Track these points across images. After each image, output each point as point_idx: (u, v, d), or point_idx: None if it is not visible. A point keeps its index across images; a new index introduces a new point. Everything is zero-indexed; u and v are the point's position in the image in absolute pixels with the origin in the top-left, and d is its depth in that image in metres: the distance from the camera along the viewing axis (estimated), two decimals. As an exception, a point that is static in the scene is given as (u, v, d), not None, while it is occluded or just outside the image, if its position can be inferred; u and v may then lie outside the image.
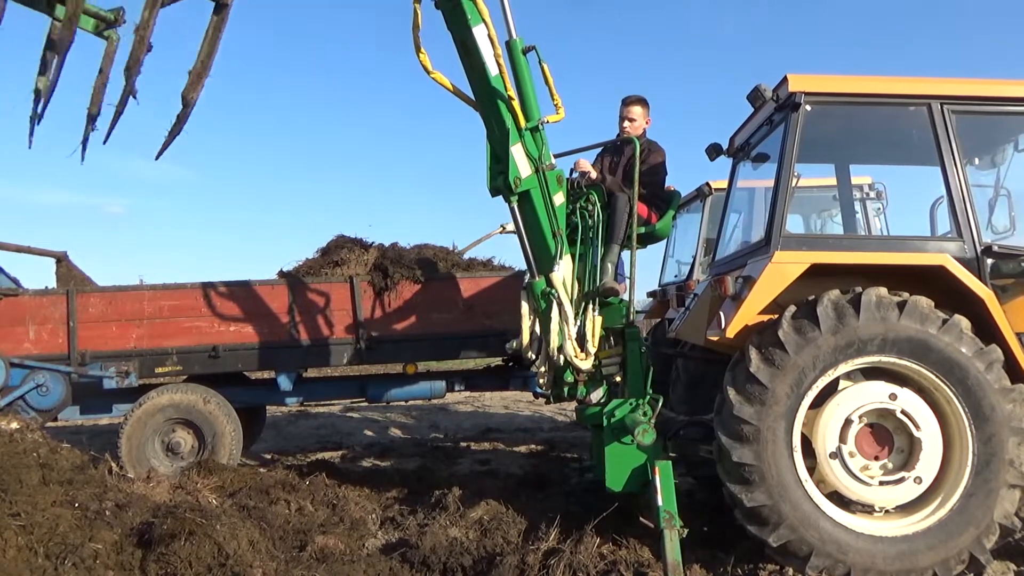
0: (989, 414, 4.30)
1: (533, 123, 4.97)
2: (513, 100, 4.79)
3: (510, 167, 4.86)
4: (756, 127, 5.60)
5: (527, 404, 12.92)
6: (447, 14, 4.83)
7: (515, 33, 4.87)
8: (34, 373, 6.69)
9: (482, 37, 4.74)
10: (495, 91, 4.83)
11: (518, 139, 4.89)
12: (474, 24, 4.72)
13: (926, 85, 4.84)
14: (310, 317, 7.36)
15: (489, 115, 4.98)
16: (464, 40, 4.81)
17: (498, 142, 4.96)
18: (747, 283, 4.69)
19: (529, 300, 5.27)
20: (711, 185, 8.99)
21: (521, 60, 4.89)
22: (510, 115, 4.85)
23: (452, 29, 4.88)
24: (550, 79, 5.02)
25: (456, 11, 4.74)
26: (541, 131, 5.07)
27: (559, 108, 5.10)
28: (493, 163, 5.06)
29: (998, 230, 5.02)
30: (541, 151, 5.06)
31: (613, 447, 5.07)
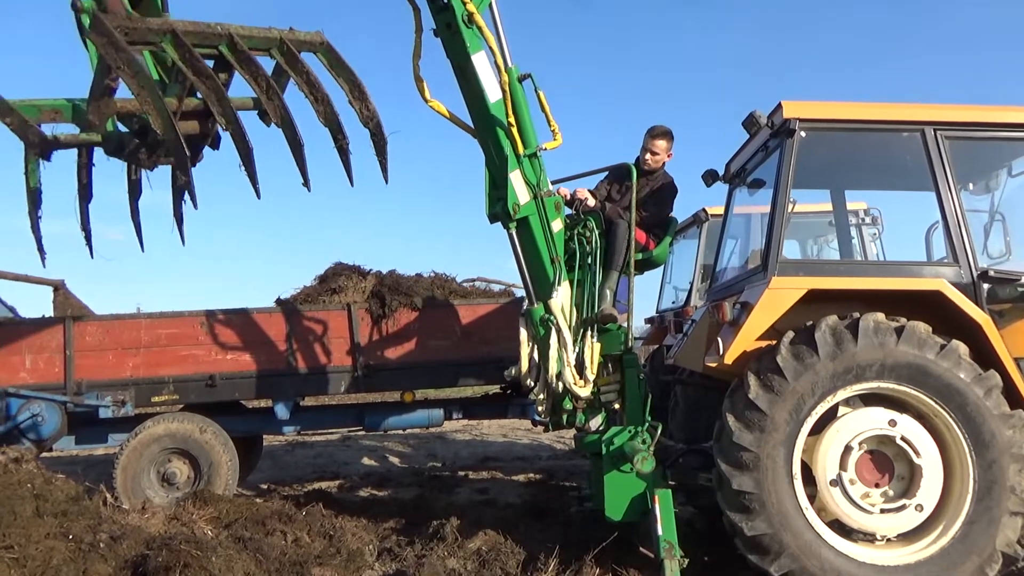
0: (989, 440, 4.29)
1: (531, 149, 5.01)
2: (512, 127, 4.81)
3: (508, 193, 4.87)
4: (752, 153, 5.64)
5: (525, 432, 12.85)
6: (446, 42, 4.88)
7: (511, 61, 4.92)
8: (30, 403, 6.64)
9: (481, 64, 4.79)
10: (494, 118, 4.87)
11: (516, 165, 4.92)
12: (473, 52, 4.76)
13: (919, 111, 4.89)
14: (307, 345, 7.34)
15: (488, 142, 5.00)
16: (463, 68, 4.86)
17: (496, 169, 4.99)
18: (745, 309, 4.69)
19: (528, 327, 5.26)
20: (707, 211, 9.03)
21: (517, 88, 4.92)
22: (509, 141, 4.88)
23: (451, 57, 4.92)
24: (546, 106, 5.06)
25: (455, 39, 4.78)
26: (539, 158, 5.10)
27: (556, 134, 5.13)
28: (491, 190, 5.08)
29: (993, 255, 5.04)
30: (539, 177, 5.09)
31: (612, 475, 5.04)
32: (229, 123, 4.11)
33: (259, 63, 4.30)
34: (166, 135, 3.87)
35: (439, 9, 4.79)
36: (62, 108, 4.39)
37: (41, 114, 4.33)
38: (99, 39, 3.72)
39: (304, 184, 4.50)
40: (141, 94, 3.79)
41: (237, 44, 4.20)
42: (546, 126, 5.14)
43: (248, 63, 4.23)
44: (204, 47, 4.19)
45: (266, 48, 4.52)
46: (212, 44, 4.19)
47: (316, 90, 4.54)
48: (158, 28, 3.90)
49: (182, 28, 3.97)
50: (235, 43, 4.19)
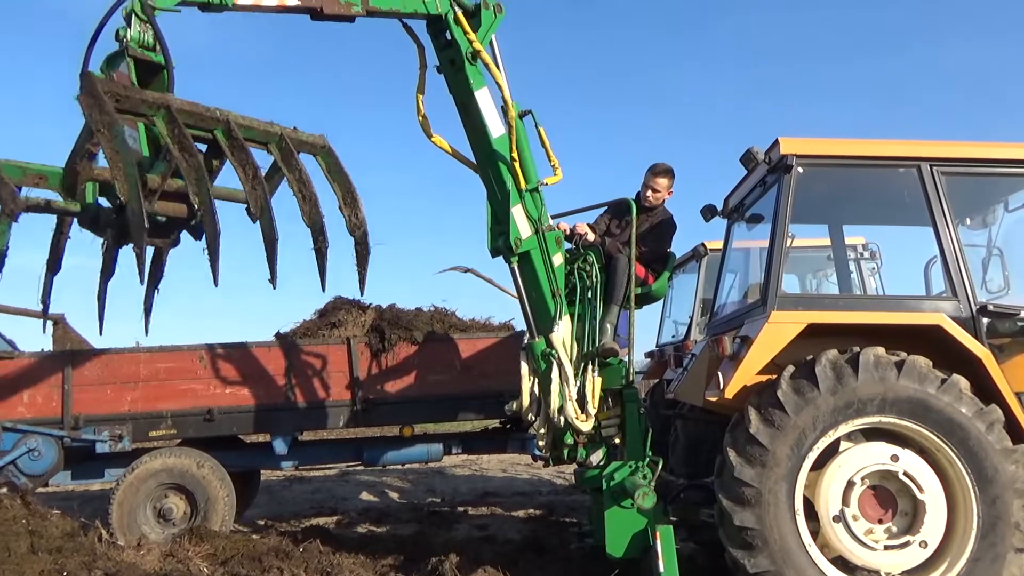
0: (992, 476, 4.26)
1: (533, 184, 5.07)
2: (516, 162, 4.88)
3: (511, 228, 4.94)
4: (750, 188, 5.68)
5: (525, 467, 12.74)
6: (449, 79, 4.97)
7: (511, 97, 4.99)
8: (26, 437, 6.60)
9: (484, 100, 4.88)
10: (497, 153, 4.94)
11: (519, 200, 4.99)
12: (476, 88, 4.85)
13: (915, 148, 4.94)
14: (306, 379, 7.32)
15: (490, 176, 5.07)
16: (466, 104, 4.94)
17: (498, 204, 5.06)
18: (745, 343, 4.69)
19: (529, 361, 5.25)
20: (706, 245, 9.07)
21: (518, 123, 4.97)
22: (511, 177, 4.95)
23: (454, 93, 5.00)
24: (547, 141, 5.14)
25: (459, 76, 4.87)
26: (540, 193, 5.16)
27: (557, 169, 5.20)
28: (493, 224, 5.15)
29: (992, 289, 5.06)
30: (540, 212, 5.15)
31: (613, 511, 5.00)
32: (202, 204, 3.98)
33: (250, 153, 4.22)
34: (129, 202, 3.72)
35: (443, 46, 4.90)
36: (48, 174, 4.34)
37: (25, 176, 4.29)
38: (86, 99, 3.64)
39: (271, 280, 4.34)
40: (113, 158, 3.69)
41: (233, 131, 4.14)
42: (546, 161, 5.22)
43: (240, 151, 4.15)
44: (199, 129, 4.12)
45: (264, 141, 4.48)
46: (208, 127, 4.12)
47: (306, 188, 4.47)
48: (153, 101, 3.84)
49: (178, 106, 3.92)
50: (231, 130, 4.13)
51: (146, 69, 4.04)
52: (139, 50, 3.94)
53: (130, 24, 3.89)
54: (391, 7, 4.59)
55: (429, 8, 4.70)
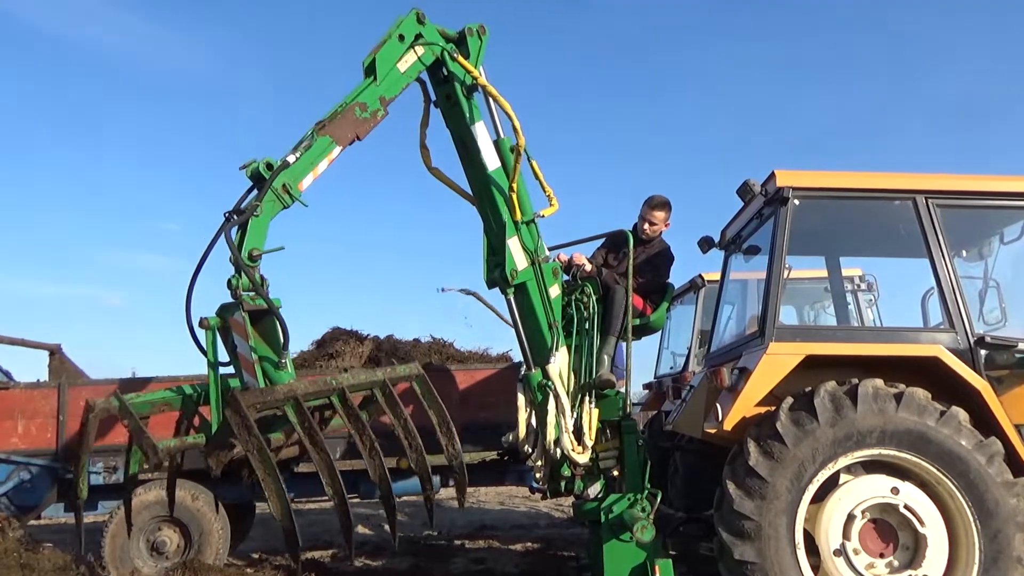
0: (993, 509, 4.23)
1: (528, 216, 5.10)
2: (513, 193, 4.91)
3: (507, 260, 4.96)
4: (746, 220, 5.71)
5: (523, 499, 12.63)
6: (446, 113, 5.03)
7: (503, 132, 5.05)
8: (19, 469, 6.54)
9: (481, 134, 4.94)
10: (493, 186, 4.98)
11: (515, 232, 5.02)
12: (473, 122, 4.91)
13: (911, 180, 4.98)
14: (303, 410, 7.27)
15: (487, 209, 5.11)
16: (463, 137, 4.99)
17: (495, 235, 5.09)
18: (743, 375, 4.69)
19: (526, 392, 5.24)
20: (704, 277, 9.09)
21: (509, 157, 5.00)
22: (507, 208, 4.99)
23: (451, 127, 5.06)
24: (539, 174, 5.13)
25: (455, 110, 4.92)
26: (536, 224, 5.19)
27: (552, 199, 5.19)
28: (489, 256, 5.18)
29: (990, 321, 5.06)
30: (537, 244, 5.18)
31: (611, 544, 4.96)
32: (336, 494, 4.21)
33: (364, 422, 4.45)
34: (282, 522, 4.03)
35: (439, 82, 4.97)
36: (171, 400, 4.88)
37: (153, 408, 4.79)
38: (233, 417, 3.90)
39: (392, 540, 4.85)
40: (265, 480, 3.97)
41: (347, 399, 4.38)
42: (540, 193, 5.22)
43: (355, 419, 4.40)
44: (320, 397, 4.40)
45: (369, 388, 4.78)
46: (326, 395, 4.38)
47: (412, 438, 4.81)
48: (284, 395, 4.06)
49: (303, 391, 4.13)
50: (345, 397, 4.37)
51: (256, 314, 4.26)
52: (250, 301, 4.15)
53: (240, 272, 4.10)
54: (401, 84, 4.73)
55: (426, 61, 4.81)
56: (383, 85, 4.63)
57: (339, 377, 4.39)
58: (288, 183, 4.27)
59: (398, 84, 4.70)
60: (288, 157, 4.30)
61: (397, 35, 4.68)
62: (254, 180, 4.32)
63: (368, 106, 4.58)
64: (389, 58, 4.66)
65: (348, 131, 4.51)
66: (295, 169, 4.31)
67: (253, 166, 4.28)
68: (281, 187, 4.24)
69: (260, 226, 4.18)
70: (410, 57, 4.73)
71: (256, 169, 4.26)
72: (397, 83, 4.70)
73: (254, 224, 4.15)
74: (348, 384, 4.40)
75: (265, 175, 4.23)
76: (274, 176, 4.19)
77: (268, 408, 4.09)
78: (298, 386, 4.12)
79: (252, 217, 4.12)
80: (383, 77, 4.62)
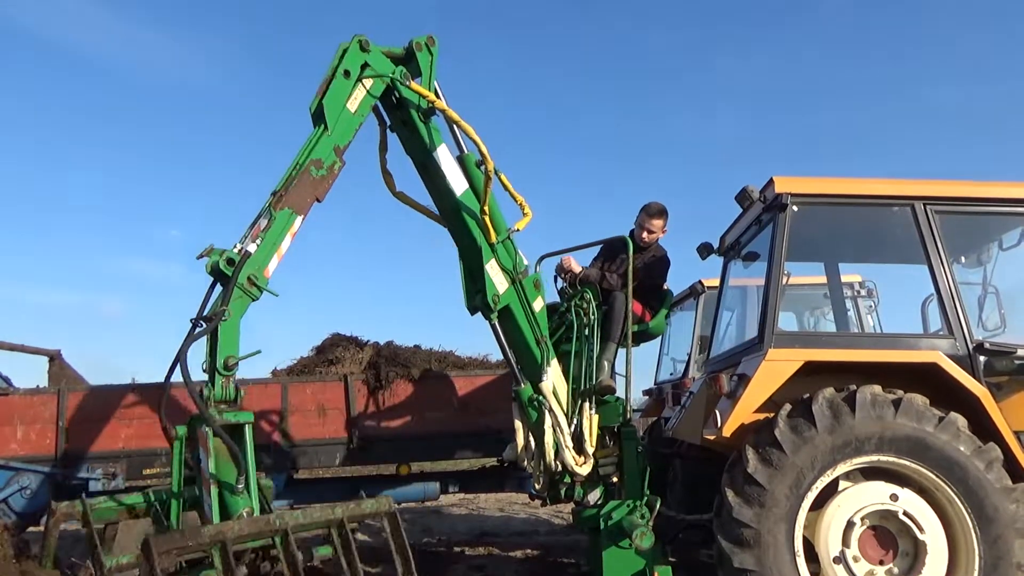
0: (993, 515, 4.23)
1: (503, 235, 4.88)
2: (486, 215, 4.67)
3: (487, 286, 4.77)
4: (745, 227, 5.72)
5: (523, 506, 12.60)
6: (404, 139, 4.74)
7: (465, 148, 4.78)
8: (19, 475, 6.53)
9: (444, 158, 4.66)
10: (462, 210, 4.74)
11: (491, 255, 4.82)
12: (434, 148, 4.63)
13: (909, 186, 4.99)
14: (303, 416, 7.27)
15: (459, 235, 4.88)
16: (425, 163, 4.71)
17: (472, 260, 4.87)
18: (742, 381, 4.69)
19: (519, 407, 5.20)
20: (704, 283, 9.09)
21: (476, 173, 4.76)
22: (480, 232, 4.76)
23: (410, 153, 4.77)
24: (509, 185, 4.84)
25: (414, 136, 4.63)
26: (511, 240, 4.98)
27: (524, 208, 4.92)
28: (468, 282, 4.95)
29: (989, 327, 5.06)
30: (515, 260, 4.97)
31: (611, 551, 4.95)
32: None
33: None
34: None
35: (392, 107, 4.65)
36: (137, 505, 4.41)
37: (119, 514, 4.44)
38: (143, 565, 3.51)
39: None
40: None
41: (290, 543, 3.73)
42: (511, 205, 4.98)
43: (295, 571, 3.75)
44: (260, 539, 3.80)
45: (325, 527, 4.09)
46: (267, 536, 3.79)
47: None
48: (210, 539, 3.54)
49: (234, 534, 3.57)
50: (288, 540, 3.73)
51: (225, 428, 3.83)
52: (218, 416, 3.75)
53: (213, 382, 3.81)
54: (354, 127, 4.36)
55: (377, 93, 4.45)
56: (335, 133, 4.25)
57: (285, 516, 3.74)
58: (253, 275, 3.91)
59: (351, 127, 4.35)
60: (248, 246, 3.92)
61: (342, 72, 4.28)
62: (215, 276, 3.92)
63: (323, 162, 4.20)
64: (337, 100, 4.27)
65: (307, 196, 4.15)
66: (257, 258, 3.95)
67: (212, 260, 3.87)
68: (247, 280, 3.88)
69: (231, 330, 3.83)
70: (359, 93, 4.36)
71: (216, 265, 3.86)
72: (350, 127, 4.35)
73: (224, 329, 3.79)
74: (294, 524, 3.75)
75: (226, 271, 3.84)
76: (237, 272, 3.83)
77: (190, 553, 3.64)
78: (230, 529, 3.57)
79: (221, 323, 3.76)
80: (334, 123, 4.24)
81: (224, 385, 3.80)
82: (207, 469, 3.75)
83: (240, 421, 3.80)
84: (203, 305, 3.92)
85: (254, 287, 3.91)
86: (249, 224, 4.05)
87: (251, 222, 4.04)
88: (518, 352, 5.13)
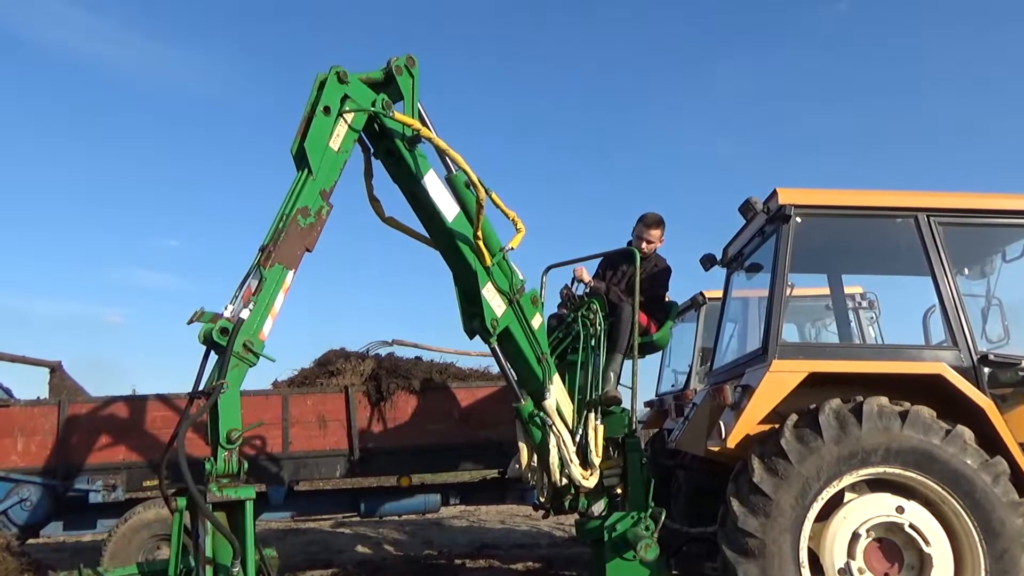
0: (999, 529, 4.21)
1: (497, 257, 4.77)
2: (479, 240, 4.56)
3: (484, 311, 4.69)
4: (748, 238, 5.72)
5: (524, 518, 12.57)
6: (390, 168, 4.58)
7: (453, 168, 4.56)
8: (19, 487, 6.50)
9: (433, 185, 4.51)
10: (456, 235, 4.61)
11: (487, 279, 4.73)
12: (423, 174, 4.47)
13: (913, 198, 4.99)
14: (304, 428, 7.25)
15: (453, 260, 4.77)
16: (413, 192, 4.57)
17: (467, 284, 4.78)
18: (746, 392, 4.68)
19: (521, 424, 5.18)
20: (705, 295, 9.09)
21: (467, 194, 4.59)
22: (475, 256, 4.65)
23: (398, 182, 4.63)
24: (499, 203, 4.66)
25: (400, 165, 4.47)
26: (506, 259, 4.87)
27: (517, 223, 4.78)
28: (465, 305, 4.86)
29: (992, 339, 5.05)
30: (511, 280, 4.89)
31: (615, 563, 4.93)
32: None
33: None
34: None
35: (376, 136, 4.47)
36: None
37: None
38: None
39: None
40: None
41: None
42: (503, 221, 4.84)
43: None
44: None
45: None
46: None
47: None
48: None
49: None
50: None
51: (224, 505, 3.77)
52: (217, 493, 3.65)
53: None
54: (339, 166, 4.17)
55: (358, 126, 4.23)
56: (320, 177, 4.05)
57: None
58: (248, 341, 3.76)
59: (336, 167, 4.13)
60: (241, 312, 3.78)
61: (322, 109, 4.05)
62: (208, 346, 3.81)
63: (311, 209, 4.02)
64: (319, 140, 4.05)
65: (297, 248, 3.99)
66: (251, 323, 3.80)
67: (205, 329, 3.75)
68: (242, 348, 3.74)
69: (231, 401, 3.71)
70: (341, 129, 4.13)
71: (208, 334, 3.72)
72: (335, 167, 4.14)
73: (224, 402, 3.68)
74: None
75: (220, 341, 3.71)
76: (232, 341, 3.69)
77: None
78: None
79: (220, 395, 3.65)
80: (318, 166, 4.03)
81: (227, 459, 3.69)
82: (204, 547, 3.66)
83: (241, 497, 3.68)
84: (199, 377, 3.82)
85: (251, 353, 3.79)
86: (239, 284, 3.92)
87: (240, 282, 3.91)
88: (519, 371, 5.09)
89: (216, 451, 3.68)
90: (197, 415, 3.68)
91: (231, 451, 3.69)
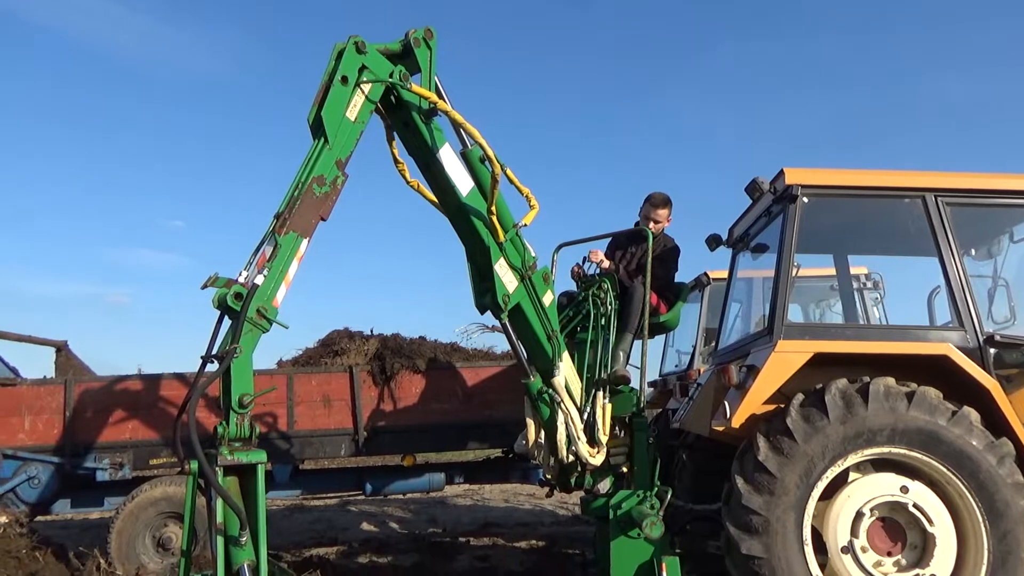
0: (1003, 510, 4.22)
1: (511, 233, 4.75)
2: (493, 216, 4.53)
3: (497, 286, 4.68)
4: (755, 218, 5.70)
5: (528, 497, 12.65)
6: (406, 140, 4.56)
7: (469, 143, 4.50)
8: (27, 465, 6.56)
9: (448, 158, 4.49)
10: (469, 210, 4.59)
11: (500, 255, 4.70)
12: (437, 148, 4.45)
13: (920, 178, 4.96)
14: (309, 407, 7.28)
15: (466, 235, 4.76)
16: (428, 164, 4.55)
17: (480, 259, 4.77)
18: (751, 372, 4.68)
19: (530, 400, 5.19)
20: (709, 275, 9.07)
21: (482, 169, 4.55)
22: (488, 231, 4.63)
23: (413, 154, 4.60)
24: (514, 179, 4.65)
25: (416, 137, 4.44)
26: (519, 235, 4.85)
27: (531, 200, 4.74)
28: (477, 281, 4.86)
29: (998, 320, 5.04)
30: (523, 256, 4.88)
31: (619, 541, 4.94)
32: None
33: None
34: None
35: (391, 107, 4.43)
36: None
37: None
38: None
39: None
40: None
41: None
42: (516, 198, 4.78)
43: None
44: None
45: None
46: None
47: None
48: None
49: None
50: None
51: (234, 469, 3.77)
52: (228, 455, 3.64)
53: None
54: (355, 136, 4.13)
55: (376, 97, 4.19)
56: (336, 146, 4.03)
57: None
58: (262, 307, 3.75)
59: (352, 137, 4.11)
60: (256, 278, 3.76)
61: (339, 78, 4.02)
62: (222, 310, 3.77)
63: (326, 178, 4.00)
64: (336, 109, 4.03)
65: (311, 217, 3.99)
66: (265, 289, 3.78)
67: (219, 293, 3.72)
68: (256, 314, 3.73)
69: (244, 366, 3.70)
70: (358, 99, 4.11)
71: (223, 298, 3.70)
72: (351, 137, 4.11)
73: (237, 366, 3.67)
74: None
75: (235, 306, 3.69)
76: (246, 306, 3.67)
77: None
78: None
79: (233, 360, 3.64)
80: (334, 136, 4.02)
81: (239, 423, 3.70)
82: (215, 512, 3.62)
83: (252, 461, 3.67)
84: (212, 341, 3.80)
85: (264, 319, 3.77)
86: (253, 250, 3.90)
87: (255, 248, 3.90)
88: (529, 348, 5.07)
89: (228, 415, 3.68)
90: (211, 379, 3.65)
91: (243, 415, 3.70)
